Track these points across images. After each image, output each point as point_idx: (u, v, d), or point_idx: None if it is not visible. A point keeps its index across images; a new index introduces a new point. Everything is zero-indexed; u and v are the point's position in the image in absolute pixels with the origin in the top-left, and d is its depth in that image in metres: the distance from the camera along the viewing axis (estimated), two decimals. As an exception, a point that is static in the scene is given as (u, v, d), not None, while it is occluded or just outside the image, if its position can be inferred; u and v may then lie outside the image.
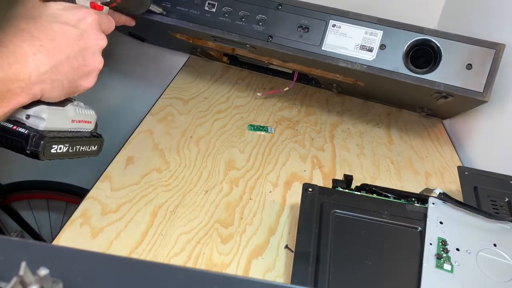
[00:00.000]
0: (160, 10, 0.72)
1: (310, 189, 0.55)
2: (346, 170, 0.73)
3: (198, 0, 0.72)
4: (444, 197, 0.56)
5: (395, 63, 0.66)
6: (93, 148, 0.55)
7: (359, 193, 0.58)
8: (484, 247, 0.49)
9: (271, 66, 0.99)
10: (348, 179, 0.61)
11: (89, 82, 0.52)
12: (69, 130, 0.52)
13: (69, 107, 0.51)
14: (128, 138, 0.74)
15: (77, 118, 0.52)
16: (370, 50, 0.66)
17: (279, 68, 0.99)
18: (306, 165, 0.74)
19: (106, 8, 0.55)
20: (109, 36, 0.55)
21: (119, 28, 0.59)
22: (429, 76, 0.65)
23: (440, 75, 0.64)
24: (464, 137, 0.84)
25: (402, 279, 0.47)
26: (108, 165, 0.67)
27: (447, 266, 0.47)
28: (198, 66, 1.02)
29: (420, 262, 0.47)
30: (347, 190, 0.58)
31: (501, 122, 0.73)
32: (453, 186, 0.71)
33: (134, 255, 0.52)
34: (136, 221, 0.58)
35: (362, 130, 0.86)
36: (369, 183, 0.61)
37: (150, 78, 1.24)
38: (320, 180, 0.71)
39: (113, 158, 0.69)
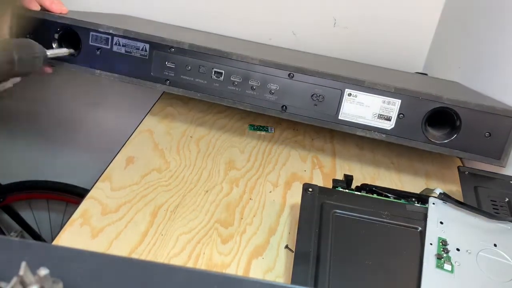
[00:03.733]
0: (66, 51, 0.70)
1: (310, 189, 0.55)
2: (346, 170, 0.73)
3: (204, 68, 0.68)
4: (445, 197, 0.56)
5: (414, 132, 0.64)
6: None
7: (359, 193, 0.58)
8: (485, 247, 0.49)
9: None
10: (348, 179, 0.61)
11: None
12: None
13: None
14: (128, 138, 0.74)
15: None
16: (389, 119, 0.64)
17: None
18: (306, 165, 0.74)
19: None
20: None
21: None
22: (448, 144, 0.64)
23: (459, 143, 0.64)
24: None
25: (402, 279, 0.47)
26: (108, 165, 0.67)
27: (447, 266, 0.47)
28: (198, 66, 1.02)
29: (420, 262, 0.47)
30: (347, 190, 0.58)
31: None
32: (454, 186, 0.71)
33: (134, 255, 0.52)
34: (136, 221, 0.58)
35: (362, 130, 0.86)
36: (369, 183, 0.61)
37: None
38: (320, 180, 0.71)
39: (113, 158, 0.69)
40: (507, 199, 0.60)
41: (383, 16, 0.97)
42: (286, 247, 0.56)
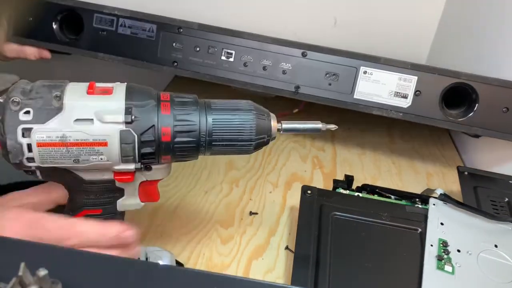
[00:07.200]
0: None
1: (309, 192, 0.55)
2: (346, 170, 0.73)
3: (214, 49, 0.66)
4: (445, 198, 0.56)
5: (431, 109, 0.63)
6: None
7: (359, 194, 0.58)
8: (485, 248, 0.49)
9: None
10: (349, 179, 0.61)
11: None
12: None
13: None
14: (128, 138, 0.74)
15: None
16: (405, 96, 0.63)
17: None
18: (306, 165, 0.74)
19: None
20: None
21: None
22: (465, 121, 0.63)
23: (477, 120, 0.63)
24: (465, 136, 0.84)
25: (403, 281, 0.47)
26: (108, 165, 0.67)
27: (448, 268, 0.46)
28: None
29: (420, 264, 0.47)
30: (346, 192, 0.58)
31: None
32: (455, 187, 0.71)
33: (134, 256, 0.52)
34: (136, 221, 0.57)
35: (362, 129, 0.86)
36: (370, 184, 0.61)
37: (149, 78, 1.23)
38: (321, 180, 0.70)
39: (113, 158, 0.69)
40: (506, 199, 0.60)
41: (384, 15, 0.97)
42: (286, 248, 0.56)
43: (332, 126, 0.42)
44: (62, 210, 0.43)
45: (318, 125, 0.41)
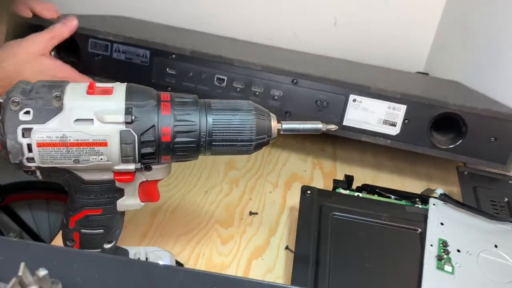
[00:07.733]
0: None
1: (309, 192, 0.55)
2: (346, 170, 0.73)
3: (206, 75, 0.66)
4: (445, 198, 0.56)
5: (420, 137, 0.64)
6: None
7: (359, 194, 0.58)
8: (485, 248, 0.49)
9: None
10: (349, 179, 0.61)
11: None
12: None
13: None
14: (128, 138, 0.74)
15: None
16: (394, 124, 0.64)
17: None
18: (306, 165, 0.74)
19: None
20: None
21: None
22: (454, 150, 0.64)
23: (465, 148, 0.63)
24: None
25: (403, 281, 0.47)
26: (108, 165, 0.67)
27: (448, 268, 0.46)
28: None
29: (420, 264, 0.47)
30: (346, 192, 0.58)
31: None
32: (455, 187, 0.71)
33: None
34: (136, 221, 0.57)
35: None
36: (370, 184, 0.61)
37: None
38: (321, 180, 0.70)
39: (113, 158, 0.69)
40: (506, 199, 0.60)
41: (384, 16, 0.97)
42: (286, 248, 0.56)
43: (333, 127, 0.42)
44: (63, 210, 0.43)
45: (318, 125, 0.41)
